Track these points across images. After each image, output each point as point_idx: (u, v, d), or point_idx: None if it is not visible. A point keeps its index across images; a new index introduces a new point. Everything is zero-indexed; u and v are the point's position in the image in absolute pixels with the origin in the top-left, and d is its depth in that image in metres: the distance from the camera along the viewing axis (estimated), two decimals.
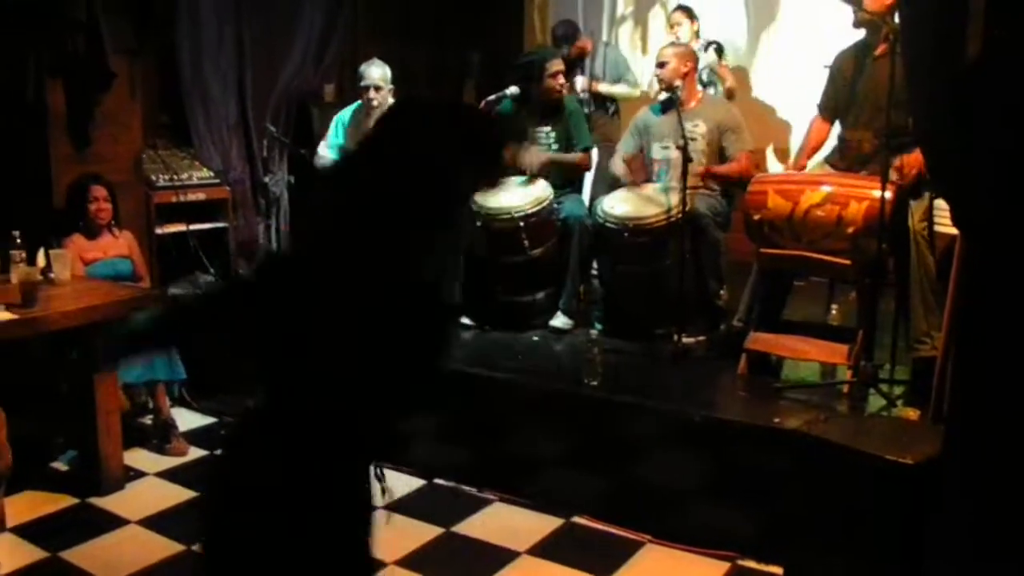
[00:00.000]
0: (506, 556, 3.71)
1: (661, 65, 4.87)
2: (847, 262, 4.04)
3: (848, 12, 4.38)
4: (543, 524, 3.96)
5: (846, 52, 4.48)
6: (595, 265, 5.30)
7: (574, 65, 6.23)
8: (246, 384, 2.13)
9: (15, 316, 3.71)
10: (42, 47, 5.12)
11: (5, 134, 5.08)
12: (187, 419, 5.00)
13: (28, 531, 3.90)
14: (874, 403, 3.87)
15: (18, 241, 4.23)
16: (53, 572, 3.63)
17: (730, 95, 5.89)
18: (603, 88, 6.24)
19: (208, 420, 5.09)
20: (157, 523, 3.98)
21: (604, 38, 6.91)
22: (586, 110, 6.05)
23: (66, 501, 4.18)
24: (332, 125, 5.64)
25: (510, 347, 4.78)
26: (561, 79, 5.13)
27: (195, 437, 4.84)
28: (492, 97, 5.15)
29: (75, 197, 4.80)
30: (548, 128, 5.18)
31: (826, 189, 4.05)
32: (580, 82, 6.14)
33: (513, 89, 5.10)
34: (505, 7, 7.82)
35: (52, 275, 4.23)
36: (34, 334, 3.83)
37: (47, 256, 4.30)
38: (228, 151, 6.08)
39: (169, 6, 5.76)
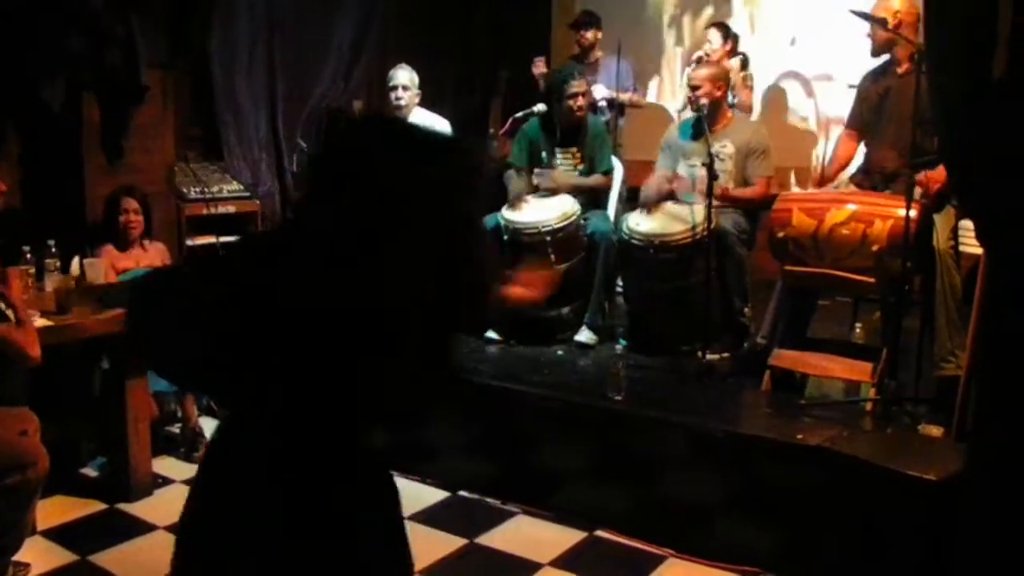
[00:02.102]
0: (529, 568, 3.74)
1: (694, 88, 4.88)
2: (871, 280, 4.05)
3: (859, 29, 4.43)
4: (566, 537, 3.98)
5: (872, 71, 4.52)
6: (619, 281, 5.34)
7: (585, 55, 6.26)
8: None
9: (50, 323, 3.78)
10: (79, 61, 5.22)
11: (41, 146, 5.18)
12: (214, 428, 5.04)
13: (58, 535, 3.96)
14: (898, 421, 3.87)
15: (53, 250, 4.31)
16: (82, 575, 3.69)
17: (746, 109, 5.91)
18: (622, 97, 6.28)
19: None
20: None
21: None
22: (605, 117, 6.11)
23: (95, 506, 4.24)
24: None
25: (535, 361, 4.81)
26: (581, 100, 5.14)
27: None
28: (519, 114, 5.21)
29: (109, 209, 4.88)
30: (573, 149, 5.21)
31: (851, 207, 4.07)
32: (599, 90, 6.16)
33: (540, 106, 5.15)
34: (533, 25, 7.89)
35: (85, 284, 4.29)
36: (67, 341, 3.90)
37: (81, 265, 4.38)
38: (258, 165, 6.17)
39: (203, 22, 5.86)
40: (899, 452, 3.47)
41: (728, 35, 6.23)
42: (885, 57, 4.44)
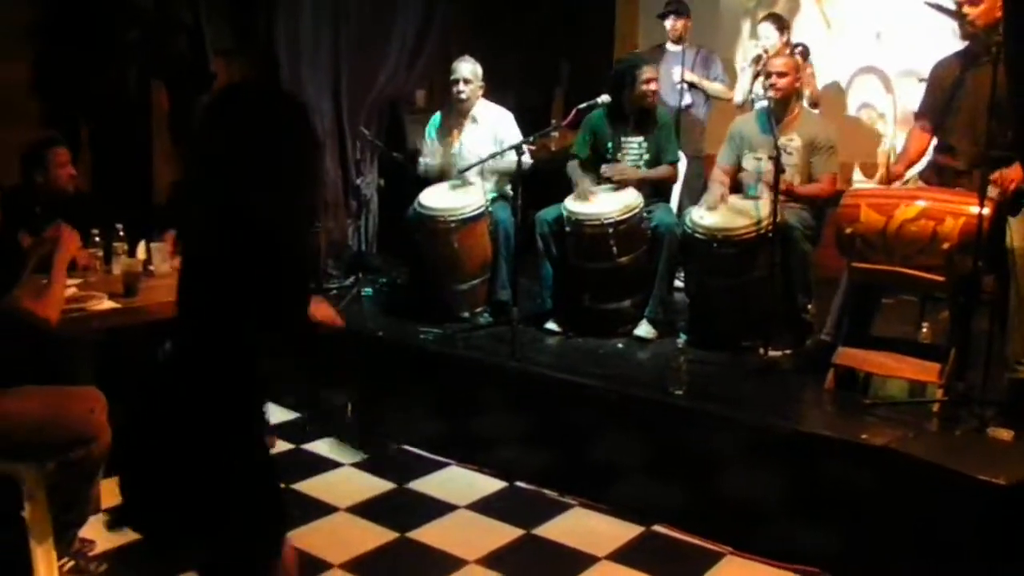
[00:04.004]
0: (586, 561, 3.73)
1: (781, 75, 4.81)
2: (941, 279, 3.96)
3: (943, 24, 4.32)
4: (623, 531, 3.96)
5: (946, 61, 4.40)
6: (680, 275, 5.29)
7: (677, 43, 6.24)
8: None
9: (117, 305, 3.84)
10: (147, 49, 5.30)
11: (112, 132, 5.27)
12: (274, 413, 5.10)
13: None
14: (965, 423, 3.78)
15: (120, 234, 4.37)
16: (142, 554, 3.74)
17: (814, 104, 5.82)
18: (703, 83, 6.22)
19: (293, 415, 5.20)
20: None
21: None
22: (688, 102, 6.06)
23: None
24: (426, 130, 5.74)
25: (594, 353, 4.79)
26: (653, 86, 5.11)
27: (281, 431, 4.95)
28: (583, 105, 5.16)
29: (176, 194, 4.94)
30: (640, 139, 5.17)
31: (921, 204, 3.98)
32: (676, 73, 6.11)
33: (604, 97, 5.11)
34: (595, 17, 7.84)
35: (152, 267, 4.35)
36: (133, 323, 3.95)
37: (147, 249, 4.44)
38: (321, 151, 6.20)
39: (268, 9, 5.91)
40: (967, 455, 3.40)
41: (783, 27, 6.13)
42: (964, 44, 4.33)
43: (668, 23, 6.27)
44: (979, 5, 4.07)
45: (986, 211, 3.76)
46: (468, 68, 5.45)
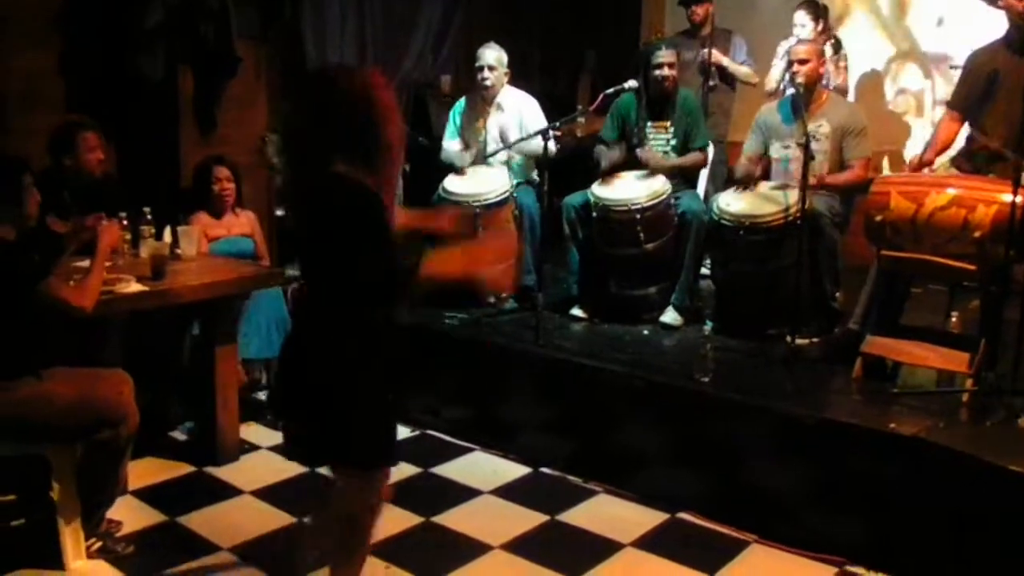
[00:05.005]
0: (611, 547, 3.72)
1: (802, 62, 4.76)
2: (972, 267, 3.91)
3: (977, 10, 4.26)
4: (648, 518, 3.95)
5: (984, 49, 4.35)
6: (706, 262, 5.26)
7: (697, 30, 6.19)
8: None
9: (145, 288, 3.85)
10: (175, 34, 5.30)
11: (138, 117, 5.29)
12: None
13: (148, 495, 4.06)
14: (995, 414, 3.73)
15: (148, 217, 4.39)
16: (170, 535, 3.77)
17: (842, 92, 5.76)
18: (731, 66, 6.16)
19: None
20: (269, 494, 4.10)
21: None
22: (713, 83, 6.02)
23: (184, 469, 4.33)
24: (450, 116, 5.72)
25: (620, 340, 4.77)
26: (667, 70, 5.05)
27: None
28: (611, 91, 5.13)
29: (200, 177, 4.96)
30: (667, 123, 5.13)
31: (952, 191, 3.93)
32: (703, 54, 6.05)
33: (632, 83, 5.07)
34: (620, 4, 7.79)
35: (179, 251, 4.37)
36: (162, 306, 3.97)
37: (174, 233, 4.45)
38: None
39: None
40: (999, 446, 3.36)
41: (819, 15, 6.06)
42: (999, 34, 4.29)
43: (691, 9, 6.22)
44: None
45: (1019, 199, 3.71)
46: (493, 55, 5.42)
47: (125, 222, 4.30)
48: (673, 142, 5.13)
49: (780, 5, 6.79)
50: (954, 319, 4.73)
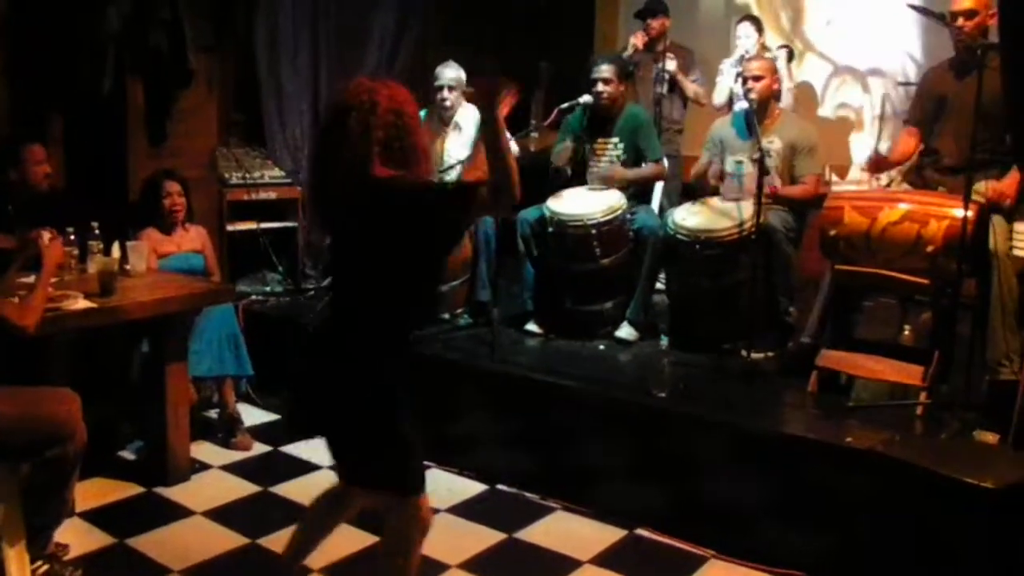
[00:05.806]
0: (568, 565, 3.69)
1: (756, 79, 4.80)
2: (925, 282, 3.98)
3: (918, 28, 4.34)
4: (606, 534, 3.93)
5: (933, 70, 4.45)
6: (661, 276, 5.27)
7: (655, 44, 6.19)
8: None
9: (93, 304, 3.77)
10: (125, 44, 5.21)
11: (85, 128, 5.18)
12: (252, 415, 5.06)
13: (96, 517, 3.96)
14: (948, 426, 3.77)
15: (96, 232, 4.30)
16: (119, 558, 3.68)
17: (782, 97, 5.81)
18: (684, 82, 6.18)
19: (273, 416, 5.14)
20: (221, 515, 4.02)
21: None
22: (660, 90, 6.02)
23: (133, 489, 4.24)
24: None
25: (575, 355, 4.75)
26: (602, 86, 5.04)
27: (260, 433, 4.90)
28: (565, 105, 5.13)
29: (150, 192, 4.87)
30: (615, 139, 5.14)
31: (904, 207, 3.99)
32: (672, 65, 6.06)
33: (586, 97, 5.08)
34: (574, 17, 7.80)
35: (128, 267, 4.28)
36: (110, 323, 3.89)
37: (123, 248, 4.36)
38: (300, 151, 6.15)
39: (249, 6, 5.85)
40: (954, 458, 3.39)
41: (760, 27, 6.13)
42: (951, 54, 4.36)
43: (647, 23, 6.24)
44: (973, 19, 4.11)
45: (970, 214, 3.76)
46: (452, 74, 5.35)
47: (72, 237, 4.21)
48: (623, 157, 5.13)
49: (719, 23, 6.91)
50: (907, 332, 4.79)
